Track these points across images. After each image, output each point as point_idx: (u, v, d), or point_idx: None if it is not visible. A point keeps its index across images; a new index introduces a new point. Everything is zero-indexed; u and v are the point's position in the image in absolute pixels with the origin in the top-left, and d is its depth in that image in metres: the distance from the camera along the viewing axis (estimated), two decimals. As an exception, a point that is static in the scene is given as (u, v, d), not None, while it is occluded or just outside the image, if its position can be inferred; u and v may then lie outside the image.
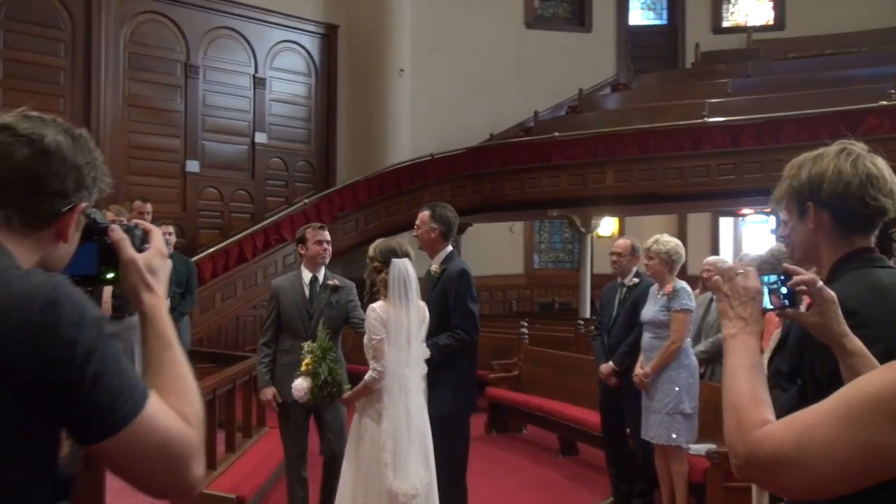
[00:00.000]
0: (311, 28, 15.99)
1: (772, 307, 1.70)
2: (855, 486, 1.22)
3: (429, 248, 5.14)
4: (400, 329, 4.39)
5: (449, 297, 4.91)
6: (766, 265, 4.54)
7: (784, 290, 1.69)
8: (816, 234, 2.00)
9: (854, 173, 1.94)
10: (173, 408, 1.35)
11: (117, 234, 1.50)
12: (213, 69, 14.69)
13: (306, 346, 4.86)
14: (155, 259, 1.53)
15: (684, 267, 5.55)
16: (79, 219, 1.45)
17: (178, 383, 1.41)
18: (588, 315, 13.38)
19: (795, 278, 1.68)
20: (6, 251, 1.35)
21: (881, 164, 1.98)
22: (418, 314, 4.48)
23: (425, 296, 5.02)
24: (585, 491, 6.87)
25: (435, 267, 5.08)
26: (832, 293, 1.68)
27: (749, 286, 1.63)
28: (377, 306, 4.43)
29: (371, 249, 4.59)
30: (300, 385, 4.77)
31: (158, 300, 1.50)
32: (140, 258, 1.51)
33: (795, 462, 1.26)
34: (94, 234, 1.50)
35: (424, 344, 4.54)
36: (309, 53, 16.03)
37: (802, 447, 1.25)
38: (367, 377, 4.40)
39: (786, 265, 1.75)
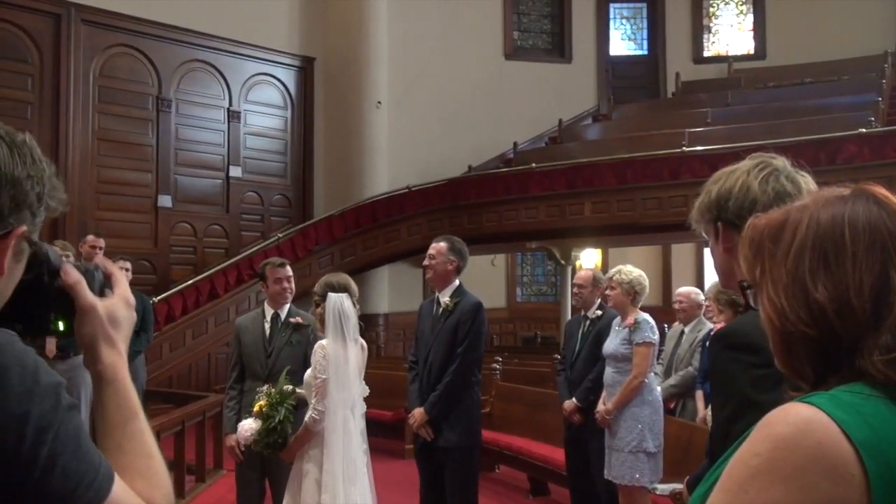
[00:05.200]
0: (287, 61, 15.82)
1: None
2: None
3: (440, 280, 4.99)
4: (342, 366, 4.18)
5: (462, 328, 4.84)
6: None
7: None
8: (730, 257, 1.77)
9: (762, 191, 1.71)
10: (140, 493, 1.09)
11: (73, 275, 1.18)
12: (186, 102, 14.47)
13: (265, 388, 4.53)
14: (119, 308, 1.23)
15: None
16: (19, 246, 1.12)
17: (146, 462, 1.15)
18: (567, 349, 13.11)
19: None
20: None
21: (801, 183, 1.73)
22: (357, 352, 4.27)
23: (433, 328, 4.90)
24: (553, 534, 6.59)
25: (446, 299, 4.95)
26: None
27: None
28: (325, 343, 4.23)
29: (317, 284, 4.42)
30: (248, 425, 4.45)
31: (121, 358, 1.21)
32: (102, 306, 1.20)
33: None
34: (43, 272, 1.18)
35: (363, 383, 4.33)
36: (285, 86, 15.84)
37: None
38: (307, 419, 4.20)
39: None
